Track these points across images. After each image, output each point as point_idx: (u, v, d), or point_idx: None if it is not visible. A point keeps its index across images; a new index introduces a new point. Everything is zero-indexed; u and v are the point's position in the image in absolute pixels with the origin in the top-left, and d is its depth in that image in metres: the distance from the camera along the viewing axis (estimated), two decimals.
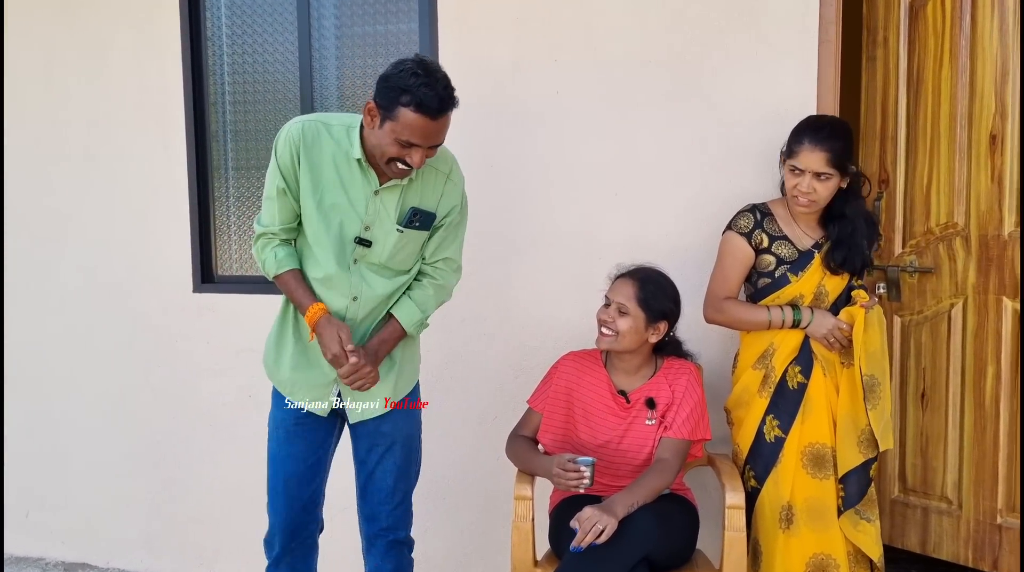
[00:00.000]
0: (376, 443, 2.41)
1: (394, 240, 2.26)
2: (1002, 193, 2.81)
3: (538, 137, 2.93)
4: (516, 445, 2.59)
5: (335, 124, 2.25)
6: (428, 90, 2.04)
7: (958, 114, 2.87)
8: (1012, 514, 2.86)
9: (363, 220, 2.23)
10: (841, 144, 2.46)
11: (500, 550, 3.09)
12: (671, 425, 2.47)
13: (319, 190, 2.22)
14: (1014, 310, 2.82)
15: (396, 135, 2.08)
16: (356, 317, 2.30)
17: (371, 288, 2.28)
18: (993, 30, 2.78)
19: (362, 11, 3.10)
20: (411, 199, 2.26)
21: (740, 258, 2.58)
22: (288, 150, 2.21)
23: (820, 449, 2.50)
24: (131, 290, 3.36)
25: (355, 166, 2.21)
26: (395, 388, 2.39)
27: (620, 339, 2.47)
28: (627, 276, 2.53)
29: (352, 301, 2.28)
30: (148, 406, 3.39)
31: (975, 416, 2.90)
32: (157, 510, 3.43)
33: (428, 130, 2.08)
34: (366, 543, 2.51)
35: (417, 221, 2.27)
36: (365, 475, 2.45)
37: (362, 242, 2.24)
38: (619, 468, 2.50)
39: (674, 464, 2.42)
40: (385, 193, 2.24)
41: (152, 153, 3.28)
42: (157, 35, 3.24)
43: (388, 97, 2.07)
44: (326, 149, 2.22)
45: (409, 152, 2.10)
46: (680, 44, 2.79)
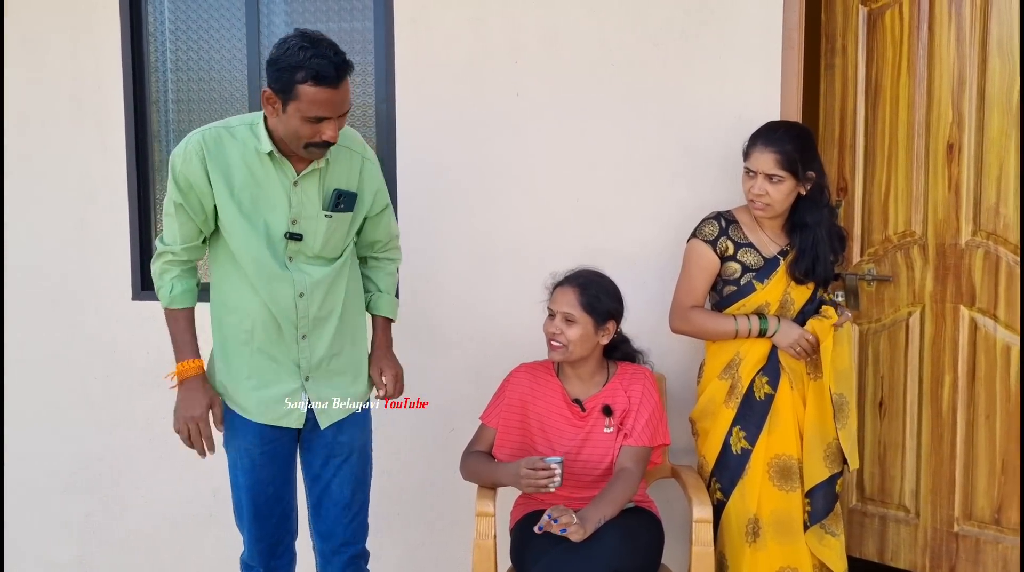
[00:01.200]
0: (333, 454, 2.34)
1: (324, 227, 2.21)
2: (959, 202, 2.83)
3: (497, 141, 2.86)
4: (472, 461, 2.51)
5: (236, 125, 2.20)
6: (321, 60, 2.00)
7: (916, 123, 2.88)
8: (968, 522, 2.87)
9: (288, 214, 2.18)
10: (793, 147, 2.44)
11: (456, 567, 3.00)
12: (631, 433, 2.41)
13: (235, 195, 2.16)
14: (971, 319, 2.84)
15: (303, 114, 2.03)
16: (308, 314, 2.24)
17: (313, 280, 2.23)
18: (950, 40, 2.80)
19: (314, 8, 2.99)
20: (332, 182, 2.23)
21: (706, 266, 2.54)
22: (188, 164, 2.14)
23: (787, 461, 2.46)
24: (65, 298, 3.18)
25: (267, 161, 2.16)
26: (363, 390, 2.38)
27: (572, 349, 2.41)
28: (566, 283, 2.47)
29: (299, 297, 2.22)
30: (83, 421, 3.21)
31: (932, 424, 2.91)
32: (92, 532, 3.25)
33: (333, 100, 2.03)
34: (322, 561, 2.43)
35: (342, 203, 2.23)
36: (320, 490, 2.37)
37: (292, 236, 2.19)
38: (580, 478, 2.43)
39: (636, 473, 2.37)
40: (304, 181, 2.19)
41: (90, 153, 3.11)
42: (95, 30, 3.07)
43: (282, 80, 2.02)
44: (233, 152, 2.16)
45: (321, 128, 2.06)
46: (642, 47, 2.75)
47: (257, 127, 2.17)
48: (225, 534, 3.11)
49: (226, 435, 2.34)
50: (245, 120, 2.21)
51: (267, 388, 2.25)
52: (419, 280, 2.93)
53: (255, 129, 2.17)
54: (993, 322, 2.79)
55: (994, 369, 2.79)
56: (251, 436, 2.28)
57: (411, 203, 2.92)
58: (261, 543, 2.35)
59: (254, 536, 2.35)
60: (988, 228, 2.78)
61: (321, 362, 2.28)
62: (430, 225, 2.91)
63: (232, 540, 3.06)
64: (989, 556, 2.83)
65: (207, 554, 3.17)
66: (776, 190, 2.46)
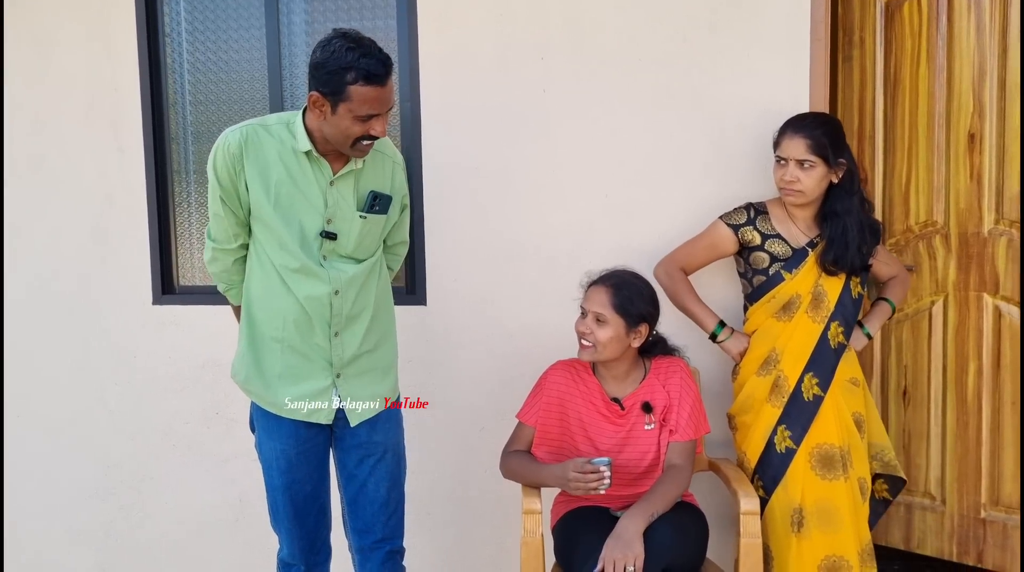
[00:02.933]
0: (368, 453, 2.35)
1: (358, 227, 2.23)
2: (981, 191, 2.86)
3: (524, 138, 2.84)
4: (514, 461, 2.49)
5: (273, 123, 2.22)
6: (369, 59, 2.03)
7: (936, 113, 2.91)
8: (996, 508, 2.91)
9: (324, 214, 2.19)
10: (822, 132, 2.48)
11: (487, 565, 3.00)
12: (676, 428, 2.41)
13: (271, 191, 2.18)
14: (995, 306, 2.87)
15: (354, 113, 2.06)
16: (342, 311, 2.24)
17: (347, 278, 2.24)
18: (970, 30, 2.83)
19: (335, 7, 2.96)
20: (366, 184, 2.25)
21: (717, 242, 2.61)
22: (227, 160, 2.17)
23: (828, 450, 2.48)
24: (84, 304, 3.12)
25: (303, 160, 2.18)
26: (392, 387, 2.39)
27: (602, 349, 2.40)
28: (600, 283, 2.45)
29: (335, 295, 2.23)
30: (103, 428, 3.16)
31: (957, 412, 2.94)
32: (113, 539, 3.20)
33: (382, 97, 2.08)
34: (360, 557, 2.44)
35: (377, 205, 2.26)
36: (356, 488, 2.38)
37: (327, 236, 2.20)
38: (622, 477, 2.42)
39: (687, 468, 2.37)
40: (340, 182, 2.21)
41: (106, 156, 3.06)
42: (109, 31, 3.02)
43: (332, 82, 2.05)
44: (270, 149, 2.18)
45: (371, 124, 2.09)
46: (669, 42, 2.75)
47: (294, 126, 2.18)
48: (252, 539, 3.09)
49: (259, 437, 2.34)
50: (282, 119, 2.22)
51: (298, 385, 2.25)
52: (446, 279, 2.91)
53: (292, 127, 2.18)
54: (1017, 310, 2.82)
55: (1019, 356, 2.82)
56: (286, 437, 2.28)
57: (436, 202, 2.90)
58: (302, 541, 2.35)
59: (294, 535, 2.36)
60: (1011, 216, 2.81)
61: (352, 359, 2.29)
62: (456, 223, 2.89)
63: (258, 544, 3.06)
64: (1017, 541, 2.86)
65: (233, 560, 3.13)
66: (808, 176, 2.48)
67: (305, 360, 2.25)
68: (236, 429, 3.06)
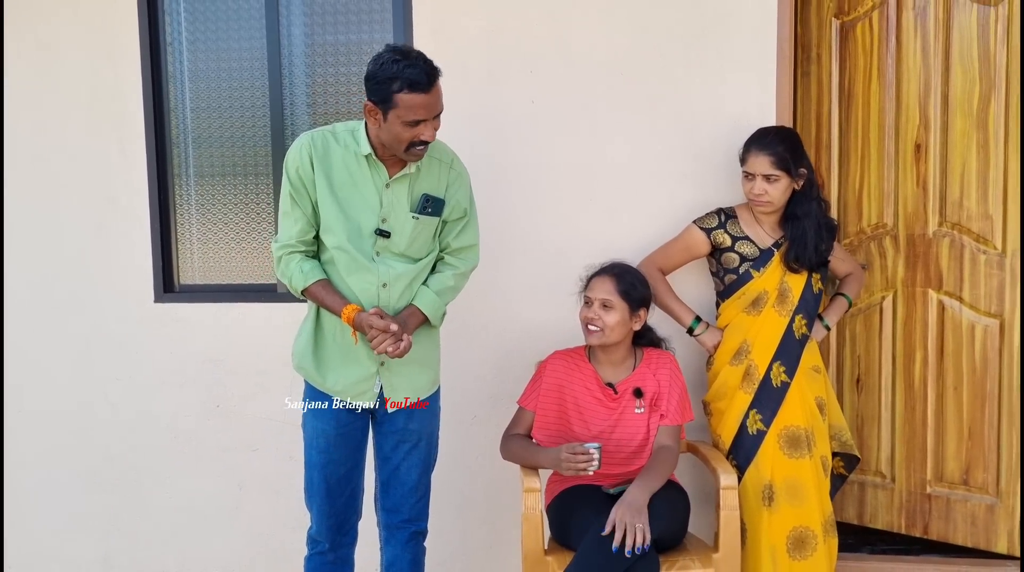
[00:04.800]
0: (403, 440, 2.53)
1: (411, 227, 2.41)
2: (927, 196, 3.13)
3: (514, 144, 3.04)
4: (513, 443, 2.70)
5: (340, 131, 2.43)
6: (413, 69, 2.23)
7: (886, 125, 3.17)
8: (940, 484, 3.18)
9: (379, 213, 2.38)
10: (784, 147, 2.72)
11: (481, 547, 3.18)
12: (667, 413, 2.64)
13: (335, 192, 2.37)
14: (939, 301, 3.15)
15: (403, 119, 2.25)
16: (389, 304, 2.42)
17: (396, 273, 2.41)
18: (916, 50, 3.10)
19: (334, 19, 3.12)
20: (420, 188, 2.43)
21: (690, 245, 2.85)
22: (298, 162, 2.37)
23: (795, 431, 2.74)
24: (86, 302, 3.23)
25: (364, 163, 2.38)
26: (433, 380, 2.56)
27: (609, 333, 2.62)
28: (603, 273, 2.69)
29: (383, 288, 2.41)
30: (106, 422, 3.27)
31: (905, 397, 3.21)
32: (116, 529, 3.31)
33: (428, 103, 2.26)
34: (386, 533, 2.62)
35: (429, 207, 2.44)
36: (389, 470, 2.56)
37: (382, 233, 2.39)
38: (613, 456, 2.65)
39: (676, 449, 2.61)
40: (395, 184, 2.40)
41: (108, 158, 3.17)
42: (110, 37, 3.14)
43: (381, 92, 2.25)
44: (336, 154, 2.39)
45: (420, 129, 2.28)
46: (649, 57, 2.97)
47: (358, 133, 2.40)
48: (251, 527, 3.23)
49: (305, 416, 2.52)
50: (348, 127, 2.43)
51: (348, 368, 2.44)
52: None
53: (356, 134, 2.40)
54: (959, 303, 3.11)
55: (960, 345, 3.11)
56: (328, 419, 2.47)
57: None
58: (331, 519, 2.51)
59: (324, 512, 2.51)
60: (953, 219, 3.10)
61: None
62: None
63: (258, 533, 3.20)
64: (959, 513, 3.15)
65: (234, 547, 3.27)
66: (774, 188, 2.73)
67: (353, 347, 2.43)
68: (235, 422, 3.21)
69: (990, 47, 2.99)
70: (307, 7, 3.15)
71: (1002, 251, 3.03)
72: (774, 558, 2.69)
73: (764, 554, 2.70)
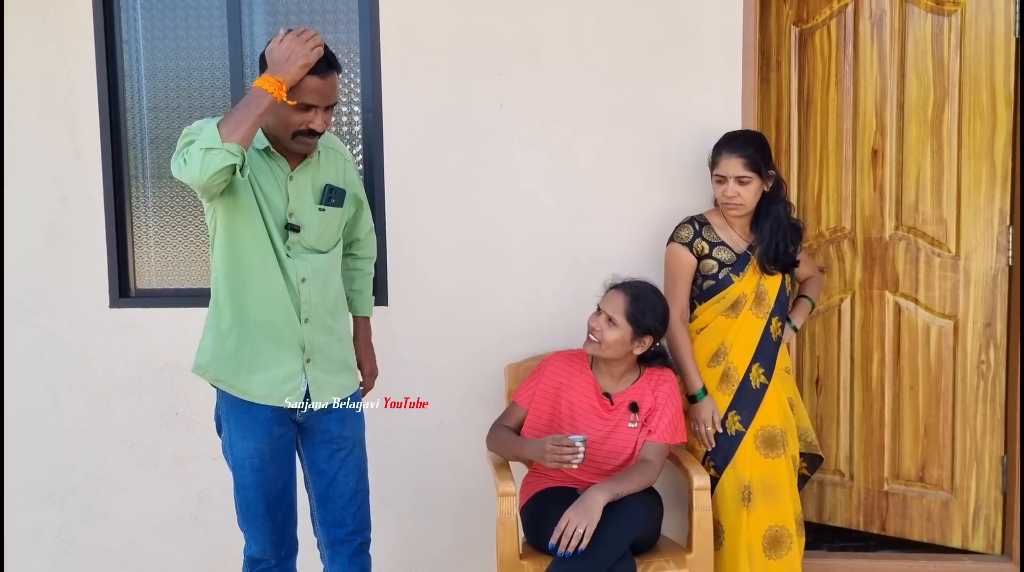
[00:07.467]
0: (339, 448, 2.46)
1: (318, 220, 2.36)
2: (883, 201, 3.22)
3: (481, 148, 3.03)
4: (500, 433, 2.69)
5: None
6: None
7: (844, 131, 3.25)
8: (896, 481, 3.27)
9: (286, 207, 2.31)
10: (754, 150, 2.76)
11: (448, 551, 3.15)
12: (655, 430, 2.64)
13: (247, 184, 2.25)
14: (895, 303, 3.23)
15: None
16: (310, 298, 2.35)
17: (313, 267, 2.35)
18: (873, 59, 3.18)
19: (298, 19, 3.06)
20: (322, 178, 2.38)
21: (685, 267, 2.82)
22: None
23: (771, 431, 2.78)
24: (38, 307, 3.11)
25: (263, 158, 2.28)
26: (354, 380, 2.53)
27: (605, 347, 2.61)
28: (620, 288, 2.66)
29: (302, 282, 2.34)
30: (56, 430, 3.15)
31: (863, 397, 3.29)
32: (69, 543, 3.19)
33: (321, 89, 2.18)
34: (329, 551, 2.53)
35: (333, 198, 2.40)
36: (325, 483, 2.48)
37: (291, 228, 2.32)
38: (601, 466, 2.65)
39: (657, 465, 2.61)
40: (299, 176, 2.33)
41: (61, 159, 3.06)
42: (62, 31, 3.03)
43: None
44: (251, 153, 2.26)
45: (310, 116, 2.20)
46: (617, 62, 2.98)
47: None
48: (212, 536, 3.16)
49: (230, 438, 2.38)
50: None
51: (270, 369, 2.33)
52: (407, 280, 3.06)
53: None
54: (915, 305, 3.20)
55: (916, 346, 3.20)
56: (260, 436, 2.35)
57: (398, 209, 3.05)
58: (273, 536, 2.42)
59: (265, 531, 2.41)
60: (908, 223, 3.18)
61: (322, 345, 2.39)
62: (417, 229, 3.05)
63: (218, 542, 3.12)
64: (915, 509, 3.24)
65: (192, 558, 3.18)
66: (746, 190, 2.76)
67: (278, 346, 2.33)
68: (195, 429, 3.12)
69: (944, 56, 3.08)
70: (270, 6, 3.09)
71: (955, 254, 3.12)
72: (751, 558, 2.72)
73: (741, 554, 2.73)
